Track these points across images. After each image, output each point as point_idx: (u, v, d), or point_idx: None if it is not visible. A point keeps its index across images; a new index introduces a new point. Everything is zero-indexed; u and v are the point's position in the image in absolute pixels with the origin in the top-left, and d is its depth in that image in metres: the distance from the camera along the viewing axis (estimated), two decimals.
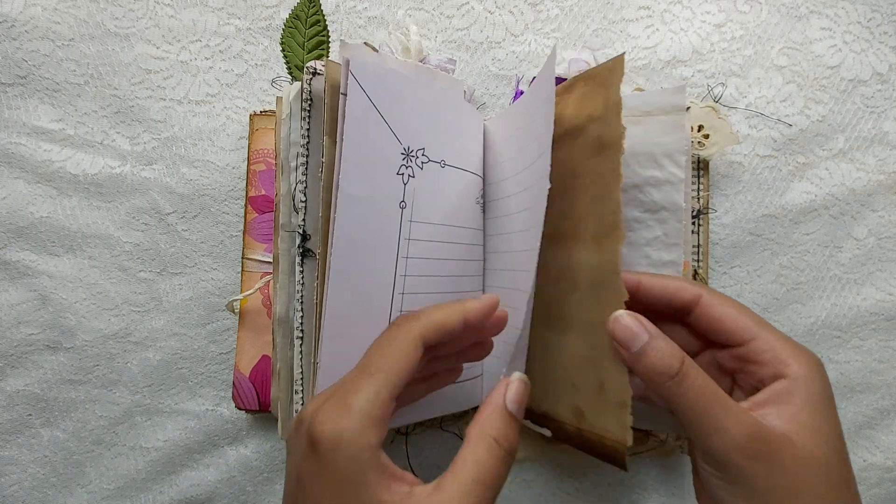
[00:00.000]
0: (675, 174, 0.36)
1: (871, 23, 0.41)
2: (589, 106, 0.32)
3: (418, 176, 0.35)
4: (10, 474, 0.44)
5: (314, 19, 0.43)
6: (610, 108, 0.30)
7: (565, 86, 0.35)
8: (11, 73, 0.43)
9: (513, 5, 0.43)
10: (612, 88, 0.30)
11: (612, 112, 0.30)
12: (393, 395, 0.26)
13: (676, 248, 0.36)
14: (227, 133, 0.44)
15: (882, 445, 0.42)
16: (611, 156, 0.30)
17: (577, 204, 0.32)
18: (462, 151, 0.38)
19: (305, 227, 0.34)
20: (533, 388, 0.30)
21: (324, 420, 0.25)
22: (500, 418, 0.27)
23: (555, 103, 0.31)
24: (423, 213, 0.35)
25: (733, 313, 0.30)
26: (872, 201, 0.42)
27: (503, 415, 0.27)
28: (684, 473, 0.42)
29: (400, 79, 0.34)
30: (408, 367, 0.27)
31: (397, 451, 0.43)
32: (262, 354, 0.42)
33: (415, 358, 0.27)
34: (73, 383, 0.44)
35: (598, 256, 0.30)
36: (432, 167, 0.36)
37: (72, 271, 0.44)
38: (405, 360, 0.27)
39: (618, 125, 0.30)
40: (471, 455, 0.26)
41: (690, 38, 0.42)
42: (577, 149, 0.33)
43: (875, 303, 0.42)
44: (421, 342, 0.28)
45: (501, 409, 0.27)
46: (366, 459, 0.24)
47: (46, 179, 0.43)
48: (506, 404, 0.28)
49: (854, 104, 0.41)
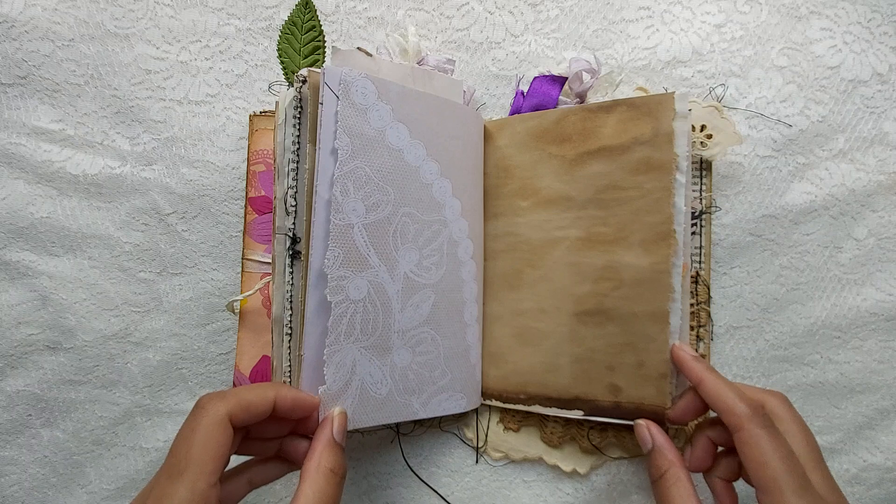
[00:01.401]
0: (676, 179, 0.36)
1: (871, 23, 0.41)
2: (633, 130, 0.37)
3: None
4: (10, 474, 0.44)
5: (310, 25, 0.43)
6: (661, 136, 0.36)
7: (603, 106, 0.38)
8: (11, 73, 0.43)
9: (513, 6, 0.43)
10: (662, 120, 0.36)
11: (663, 140, 0.36)
12: (210, 482, 0.26)
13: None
14: (227, 133, 0.44)
15: (882, 445, 0.42)
16: (662, 176, 0.36)
17: (619, 213, 0.37)
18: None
19: (295, 230, 0.35)
20: (563, 379, 0.39)
21: None
22: (332, 451, 0.31)
23: (587, 118, 0.39)
24: None
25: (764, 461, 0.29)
26: (872, 201, 0.42)
27: (334, 447, 0.31)
28: None
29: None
30: (219, 451, 0.27)
31: (396, 451, 0.43)
32: (262, 355, 0.42)
33: (224, 440, 0.27)
34: (73, 383, 0.44)
35: (648, 259, 0.36)
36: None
37: (72, 271, 0.44)
38: (214, 445, 0.27)
39: (670, 151, 0.36)
40: (311, 488, 0.29)
41: (690, 38, 0.42)
42: (618, 165, 0.38)
43: (875, 303, 0.42)
44: (228, 421, 0.28)
45: (332, 443, 0.31)
46: None
47: (46, 179, 0.43)
48: (334, 437, 0.32)
49: (854, 104, 0.41)
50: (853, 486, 0.42)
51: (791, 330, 0.42)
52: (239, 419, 0.29)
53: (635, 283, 0.37)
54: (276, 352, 0.37)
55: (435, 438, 0.44)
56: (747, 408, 0.30)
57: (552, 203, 0.39)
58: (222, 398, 0.29)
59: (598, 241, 0.38)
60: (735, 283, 0.42)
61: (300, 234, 0.35)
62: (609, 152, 0.38)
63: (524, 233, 0.40)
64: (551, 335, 0.39)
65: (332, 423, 0.32)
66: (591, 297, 0.38)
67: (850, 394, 0.42)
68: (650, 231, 0.36)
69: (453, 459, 0.44)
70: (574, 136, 0.39)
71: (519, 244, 0.41)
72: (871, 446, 0.42)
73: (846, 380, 0.42)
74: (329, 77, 0.33)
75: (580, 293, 0.39)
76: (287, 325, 0.35)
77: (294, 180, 0.35)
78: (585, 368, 0.38)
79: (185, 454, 0.26)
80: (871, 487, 0.42)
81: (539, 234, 0.40)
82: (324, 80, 0.33)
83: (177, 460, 0.26)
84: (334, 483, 0.30)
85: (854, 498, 0.42)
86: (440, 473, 0.44)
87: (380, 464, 0.44)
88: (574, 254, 0.39)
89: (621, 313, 0.37)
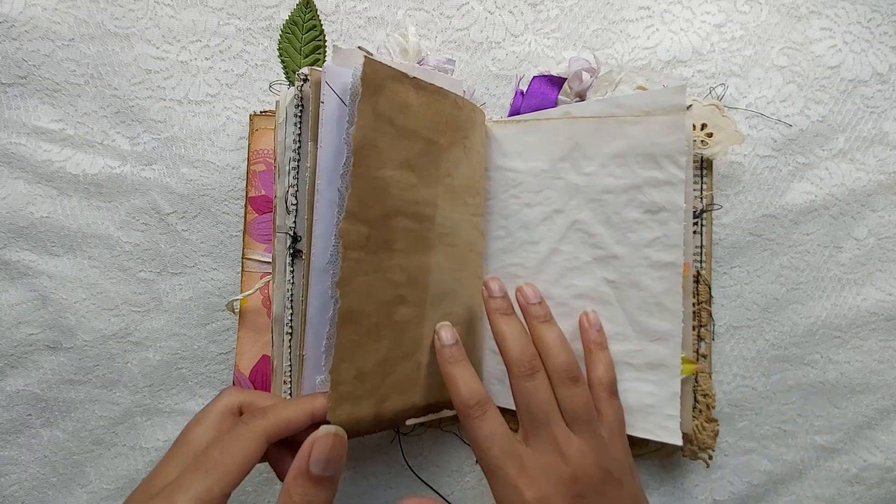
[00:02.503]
0: (675, 175, 0.36)
1: (871, 23, 0.41)
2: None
3: None
4: (10, 474, 0.44)
5: (310, 24, 0.43)
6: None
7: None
8: (11, 73, 0.43)
9: (513, 5, 0.43)
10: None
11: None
12: (225, 492, 0.27)
13: (676, 250, 0.36)
14: (227, 133, 0.44)
15: (882, 445, 0.42)
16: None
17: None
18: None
19: (296, 228, 0.35)
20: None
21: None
22: (303, 483, 0.27)
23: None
24: None
25: None
26: (872, 201, 0.42)
27: (306, 479, 0.27)
28: (684, 473, 0.42)
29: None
30: (246, 465, 0.28)
31: (396, 451, 0.43)
32: (262, 354, 0.41)
33: (256, 456, 0.29)
34: (73, 383, 0.44)
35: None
36: None
37: (72, 271, 0.44)
38: (245, 459, 0.28)
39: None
40: None
41: (690, 38, 0.42)
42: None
43: (875, 303, 0.42)
44: (265, 440, 0.29)
45: (304, 474, 0.27)
46: None
47: (46, 179, 0.43)
48: (308, 468, 0.27)
49: (854, 104, 0.41)
50: (853, 486, 0.42)
51: (791, 330, 0.42)
52: (276, 437, 0.30)
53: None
54: (276, 351, 0.37)
55: (435, 438, 0.44)
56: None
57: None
58: (265, 416, 0.30)
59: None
60: (735, 283, 0.42)
61: (301, 233, 0.35)
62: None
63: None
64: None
65: (312, 447, 0.27)
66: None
67: (850, 394, 0.42)
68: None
69: (453, 459, 0.44)
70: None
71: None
72: (871, 446, 0.42)
73: (846, 380, 0.42)
74: (330, 76, 0.33)
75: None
76: (287, 325, 0.35)
77: (295, 179, 0.35)
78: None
79: (217, 457, 0.28)
80: (871, 487, 0.42)
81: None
82: (325, 80, 0.33)
83: (208, 459, 0.28)
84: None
85: (854, 498, 0.42)
86: (440, 473, 0.44)
87: (380, 464, 0.44)
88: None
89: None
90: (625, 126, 0.37)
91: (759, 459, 0.42)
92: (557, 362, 0.34)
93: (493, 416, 0.32)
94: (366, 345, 0.33)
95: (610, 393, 0.35)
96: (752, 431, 0.42)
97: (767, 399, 0.42)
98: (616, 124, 0.37)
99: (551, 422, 0.32)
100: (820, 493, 0.42)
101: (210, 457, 0.28)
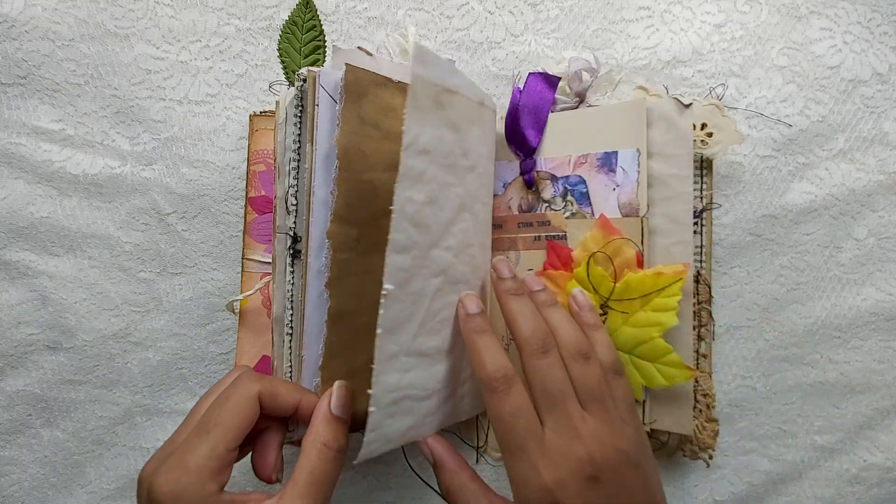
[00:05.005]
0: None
1: (871, 23, 0.41)
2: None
3: None
4: (10, 474, 0.44)
5: (310, 24, 0.43)
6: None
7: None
8: (11, 73, 0.43)
9: (513, 5, 0.43)
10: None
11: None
12: (230, 447, 0.29)
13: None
14: (227, 133, 0.44)
15: (882, 445, 0.42)
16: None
17: None
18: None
19: (296, 229, 0.35)
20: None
21: (162, 482, 0.28)
22: (327, 425, 0.31)
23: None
24: None
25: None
26: (872, 201, 0.42)
27: (330, 420, 0.31)
28: (685, 473, 0.42)
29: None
30: (244, 422, 0.30)
31: (397, 451, 0.43)
32: (262, 355, 0.42)
33: (251, 414, 0.30)
34: (73, 383, 0.44)
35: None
36: None
37: (72, 271, 0.44)
38: (241, 416, 0.30)
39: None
40: (305, 462, 0.30)
41: (690, 38, 0.42)
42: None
43: (875, 303, 0.42)
44: (257, 400, 0.31)
45: (327, 416, 0.31)
46: (210, 502, 0.28)
47: (46, 179, 0.43)
48: (331, 410, 0.31)
49: (854, 104, 0.41)
50: (853, 486, 0.42)
51: (791, 330, 0.42)
52: (265, 402, 0.31)
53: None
54: (276, 352, 0.37)
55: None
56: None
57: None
58: (259, 380, 0.32)
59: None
60: (735, 283, 0.42)
61: (301, 233, 0.35)
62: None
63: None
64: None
65: (331, 396, 0.32)
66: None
67: (850, 394, 0.42)
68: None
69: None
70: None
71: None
72: (871, 446, 0.42)
73: (846, 380, 0.42)
74: (324, 78, 0.33)
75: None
76: (288, 325, 0.35)
77: (295, 179, 0.35)
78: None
79: (216, 417, 0.30)
80: (871, 487, 0.42)
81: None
82: (319, 82, 0.33)
83: (208, 420, 0.30)
84: (328, 458, 0.30)
85: (854, 498, 0.42)
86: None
87: (380, 464, 0.44)
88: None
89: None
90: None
91: (759, 459, 0.42)
92: (569, 340, 0.33)
93: (518, 392, 0.31)
94: (357, 343, 0.33)
95: (615, 373, 0.34)
96: (752, 431, 0.42)
97: (767, 399, 0.42)
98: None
99: (567, 400, 0.31)
100: (820, 493, 0.42)
101: (209, 419, 0.30)
